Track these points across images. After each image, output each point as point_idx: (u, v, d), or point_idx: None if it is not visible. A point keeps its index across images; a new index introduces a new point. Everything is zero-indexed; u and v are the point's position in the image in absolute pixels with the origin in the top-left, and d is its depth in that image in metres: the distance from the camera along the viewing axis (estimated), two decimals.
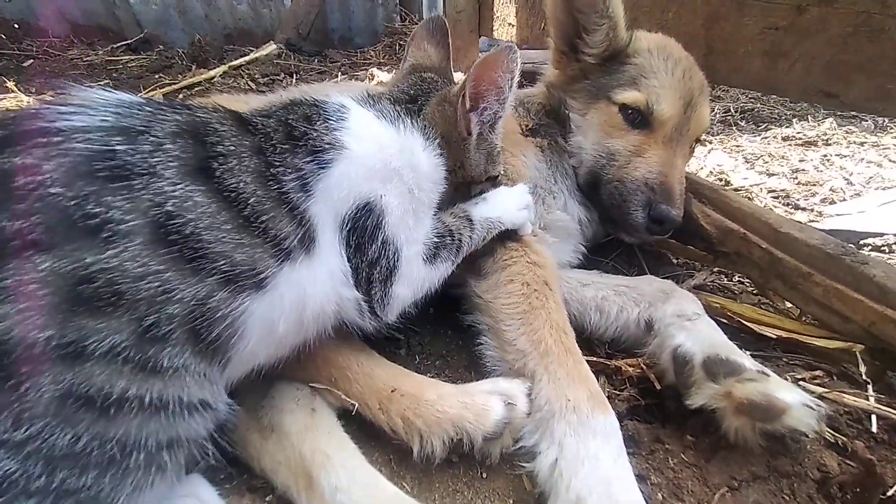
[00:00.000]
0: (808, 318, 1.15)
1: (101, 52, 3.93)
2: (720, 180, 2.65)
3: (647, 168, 1.24)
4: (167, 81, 3.20)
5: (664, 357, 0.96)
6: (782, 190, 2.61)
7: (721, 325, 1.16)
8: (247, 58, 3.63)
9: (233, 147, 0.67)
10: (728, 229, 1.24)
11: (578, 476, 0.74)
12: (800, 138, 3.21)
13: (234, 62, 3.52)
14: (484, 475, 0.85)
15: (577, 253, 1.33)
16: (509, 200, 1.06)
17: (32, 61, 3.70)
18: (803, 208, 2.45)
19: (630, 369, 1.03)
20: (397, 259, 0.84)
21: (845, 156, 2.97)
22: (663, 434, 0.91)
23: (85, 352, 0.51)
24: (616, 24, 1.25)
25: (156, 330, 0.56)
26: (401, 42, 4.26)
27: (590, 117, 1.35)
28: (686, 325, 0.97)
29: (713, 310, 1.19)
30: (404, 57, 1.10)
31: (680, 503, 0.78)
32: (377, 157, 0.82)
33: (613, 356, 1.13)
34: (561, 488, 0.74)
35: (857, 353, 0.97)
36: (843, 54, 1.14)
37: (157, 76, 3.42)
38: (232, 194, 0.64)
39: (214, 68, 3.44)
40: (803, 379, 0.97)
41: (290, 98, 0.87)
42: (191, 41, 3.86)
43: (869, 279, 0.95)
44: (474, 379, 1.03)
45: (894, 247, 2.04)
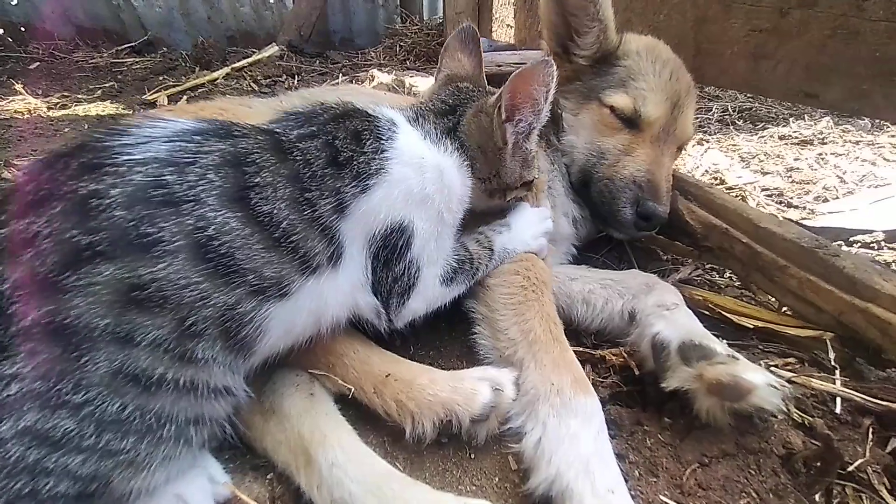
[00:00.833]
0: (786, 310, 1.20)
1: (106, 55, 3.99)
2: (715, 179, 2.69)
3: (636, 166, 1.29)
4: (171, 83, 3.27)
5: (644, 344, 1.02)
6: (776, 188, 2.64)
7: (702, 317, 1.21)
8: (249, 59, 3.69)
9: (269, 178, 0.74)
10: (711, 225, 1.28)
11: (559, 453, 0.80)
12: (796, 137, 3.23)
13: (237, 64, 3.59)
14: (472, 455, 0.90)
15: (569, 254, 1.38)
16: (530, 230, 1.13)
17: (38, 63, 3.77)
18: (796, 206, 2.48)
19: (614, 358, 1.08)
20: (418, 277, 0.91)
21: (840, 154, 2.99)
22: (643, 417, 0.96)
23: (134, 339, 0.62)
24: (606, 27, 1.30)
25: (192, 328, 0.66)
26: (401, 44, 4.30)
27: (582, 117, 1.40)
28: (665, 315, 1.02)
29: (696, 302, 1.24)
30: (438, 67, 1.14)
31: (655, 479, 0.83)
32: (416, 182, 0.87)
33: (599, 346, 1.18)
34: (542, 464, 0.80)
35: (828, 341, 1.01)
36: (823, 56, 1.18)
37: (161, 78, 3.48)
38: (265, 219, 0.72)
39: (217, 70, 3.50)
40: (776, 365, 1.02)
41: (340, 108, 0.90)
42: (194, 43, 3.92)
43: (839, 270, 1.00)
44: (466, 367, 1.09)
45: (883, 243, 2.07)
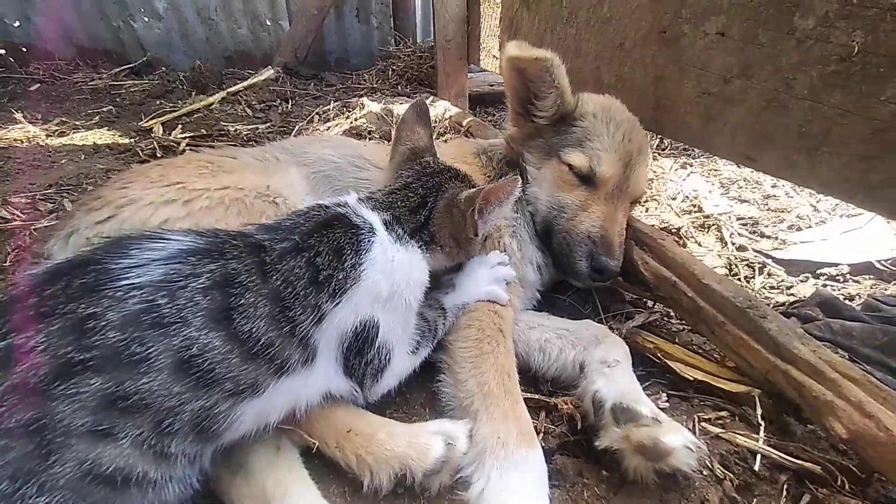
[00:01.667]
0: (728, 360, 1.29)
1: (105, 76, 4.08)
2: (694, 206, 2.78)
3: (591, 222, 1.38)
4: (168, 108, 3.37)
5: (587, 399, 1.11)
6: (750, 217, 2.72)
7: (652, 364, 1.31)
8: (244, 83, 3.79)
9: (252, 298, 0.82)
10: (662, 276, 1.37)
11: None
12: None
13: (232, 88, 3.68)
14: None
15: (534, 299, 1.48)
16: (477, 282, 1.24)
17: (39, 85, 3.86)
18: (768, 236, 2.56)
19: (565, 407, 1.17)
20: (389, 358, 1.00)
21: None
22: (585, 468, 1.05)
23: (109, 438, 0.70)
24: (563, 93, 1.40)
25: (168, 428, 0.74)
26: (394, 67, 4.40)
27: (543, 171, 1.49)
28: (605, 373, 1.11)
29: (647, 349, 1.34)
30: (396, 139, 1.24)
31: None
32: (385, 285, 0.96)
33: (555, 393, 1.27)
34: None
35: (756, 397, 1.10)
36: (759, 125, 1.28)
37: (158, 102, 3.58)
38: (245, 336, 0.80)
39: (213, 94, 3.60)
40: (709, 419, 1.11)
41: (322, 216, 0.97)
42: (191, 66, 4.02)
43: (765, 332, 1.09)
44: (429, 415, 1.18)
45: (848, 276, 2.16)
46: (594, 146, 1.39)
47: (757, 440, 1.03)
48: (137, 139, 2.88)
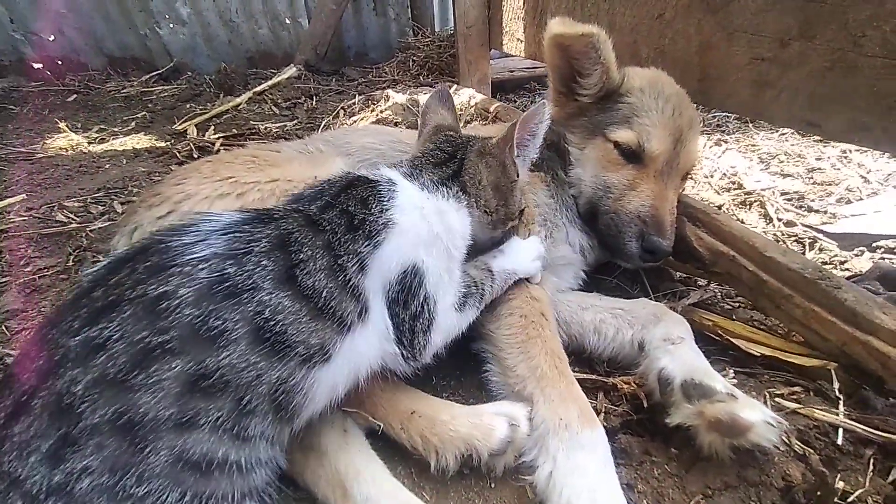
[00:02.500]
0: (794, 335, 1.24)
1: (136, 83, 4.21)
2: (733, 183, 2.67)
3: (640, 202, 1.34)
4: (198, 111, 3.45)
5: (651, 377, 1.08)
6: (796, 192, 2.59)
7: (712, 342, 1.27)
8: (269, 83, 3.85)
9: (309, 252, 0.82)
10: (719, 252, 1.33)
11: (568, 485, 0.88)
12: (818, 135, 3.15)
13: (258, 88, 3.75)
14: (492, 485, 0.98)
15: (578, 279, 1.44)
16: (524, 253, 1.21)
17: (75, 96, 4.01)
18: (816, 210, 2.43)
19: (625, 387, 1.15)
20: (436, 311, 0.99)
21: (864, 152, 2.90)
22: (651, 447, 1.03)
23: (195, 425, 0.69)
24: (608, 69, 1.35)
25: (248, 406, 0.73)
26: (414, 58, 4.39)
27: (587, 152, 1.46)
28: (670, 350, 1.08)
29: (706, 327, 1.30)
30: (422, 122, 1.25)
31: None
32: (421, 227, 0.97)
33: (612, 374, 1.24)
34: (554, 496, 0.88)
35: (832, 371, 1.06)
36: (822, 87, 1.21)
37: (189, 105, 3.67)
38: (310, 292, 0.80)
39: (240, 95, 3.67)
40: (782, 394, 1.07)
41: (344, 180, 1.00)
42: (217, 69, 4.10)
43: (841, 303, 1.04)
44: (485, 398, 1.17)
45: None
46: (642, 122, 1.34)
47: (837, 414, 0.98)
48: (173, 142, 2.96)
